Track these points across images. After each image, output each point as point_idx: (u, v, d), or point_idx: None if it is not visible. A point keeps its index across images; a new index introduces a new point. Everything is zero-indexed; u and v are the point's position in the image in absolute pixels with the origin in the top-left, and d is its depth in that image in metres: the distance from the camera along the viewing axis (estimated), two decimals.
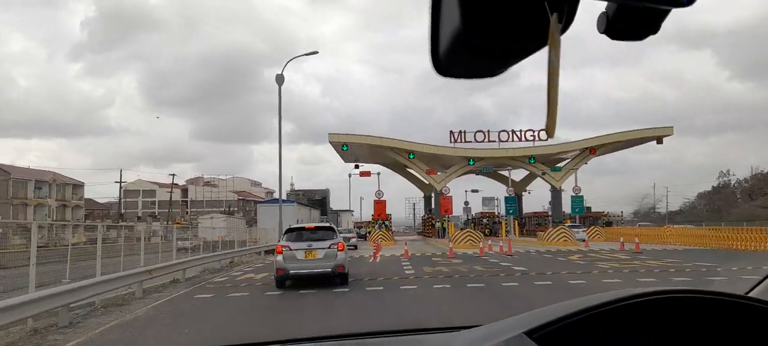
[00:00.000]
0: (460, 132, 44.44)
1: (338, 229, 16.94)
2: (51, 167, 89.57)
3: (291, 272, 13.00)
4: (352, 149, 43.44)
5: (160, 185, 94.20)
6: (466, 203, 65.57)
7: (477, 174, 55.61)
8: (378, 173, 48.85)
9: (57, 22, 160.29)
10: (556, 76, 0.66)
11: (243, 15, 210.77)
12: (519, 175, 53.52)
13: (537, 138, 44.58)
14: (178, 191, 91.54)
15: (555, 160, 47.26)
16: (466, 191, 64.61)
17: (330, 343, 1.93)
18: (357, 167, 48.85)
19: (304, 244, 13.12)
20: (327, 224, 16.11)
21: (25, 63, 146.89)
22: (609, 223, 52.27)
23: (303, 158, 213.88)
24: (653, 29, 0.69)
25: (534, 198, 62.22)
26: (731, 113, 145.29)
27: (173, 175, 75.21)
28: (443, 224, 44.95)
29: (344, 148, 42.23)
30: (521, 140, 45.09)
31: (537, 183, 55.62)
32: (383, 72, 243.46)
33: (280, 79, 30.41)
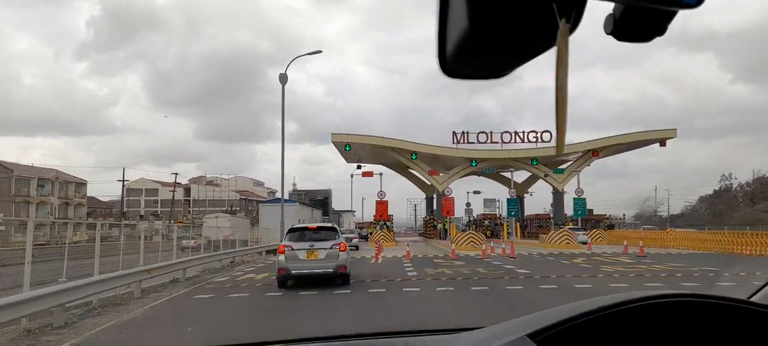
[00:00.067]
0: (463, 133, 44.25)
1: (340, 229, 16.82)
2: (55, 165, 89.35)
3: (293, 272, 12.97)
4: (355, 149, 43.29)
5: (163, 184, 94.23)
6: (468, 205, 65.48)
7: (479, 175, 55.45)
8: (380, 174, 48.73)
9: (63, 21, 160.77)
10: (565, 82, 0.65)
11: (247, 15, 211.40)
12: (520, 177, 53.30)
13: (540, 139, 44.40)
14: (181, 190, 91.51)
15: (557, 162, 47.03)
16: (468, 193, 64.48)
17: (331, 344, 1.95)
18: (359, 168, 48.71)
19: (307, 244, 13.09)
20: (329, 224, 16.01)
21: (32, 62, 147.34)
22: (611, 226, 51.99)
23: (306, 158, 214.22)
24: (660, 31, 0.68)
25: (535, 200, 62.19)
26: (733, 116, 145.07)
27: (176, 174, 75.07)
28: (445, 226, 44.77)
29: (347, 148, 42.07)
30: (524, 142, 44.91)
31: (538, 185, 55.45)
32: (386, 72, 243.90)
33: (284, 78, 30.30)
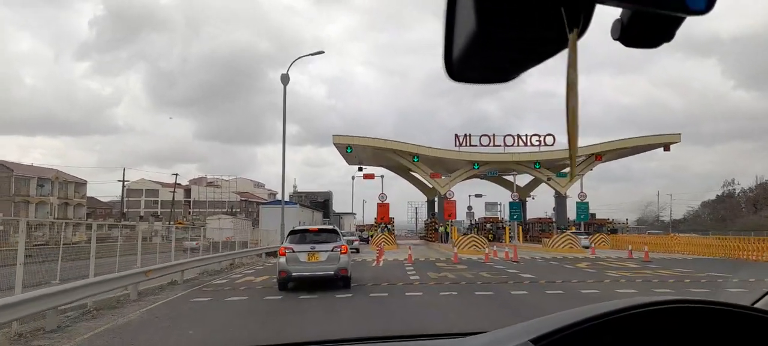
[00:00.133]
0: (465, 136, 43.90)
1: (341, 232, 16.59)
2: (55, 165, 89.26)
3: (293, 275, 12.80)
4: (356, 151, 43.00)
5: (163, 185, 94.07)
6: (470, 208, 65.10)
7: (481, 179, 55.09)
8: (381, 176, 48.41)
9: (65, 21, 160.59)
10: (575, 87, 0.64)
11: (248, 15, 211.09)
12: (523, 180, 52.95)
13: (542, 143, 44.09)
14: (181, 191, 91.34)
15: (560, 165, 46.72)
16: (470, 196, 64.11)
17: None
18: (361, 170, 48.42)
19: (307, 246, 12.96)
20: (330, 227, 15.74)
21: (33, 62, 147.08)
22: (614, 230, 51.62)
23: (307, 160, 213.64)
24: (668, 37, 0.68)
25: (537, 204, 61.79)
26: (737, 122, 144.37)
27: (176, 175, 74.95)
28: (447, 229, 44.47)
29: (348, 150, 41.78)
30: (527, 145, 44.57)
31: (539, 189, 55.10)
32: (388, 74, 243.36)
33: (285, 78, 30.08)
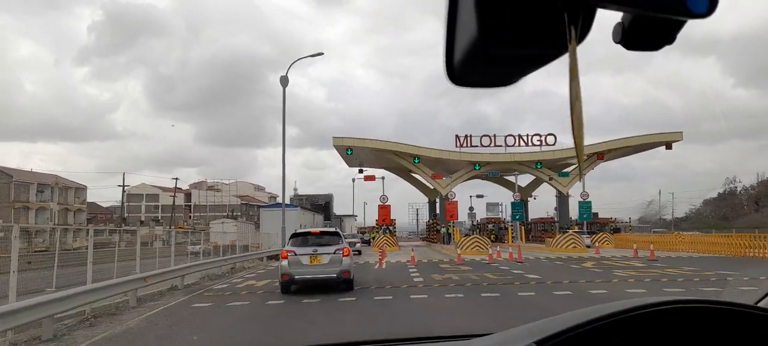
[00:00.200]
0: (466, 136, 43.62)
1: (343, 234, 16.43)
2: (56, 171, 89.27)
3: (296, 277, 12.72)
4: (357, 153, 42.74)
5: (164, 189, 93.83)
6: (471, 209, 64.81)
7: (483, 179, 54.81)
8: (382, 178, 48.06)
9: (64, 26, 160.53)
10: (578, 90, 0.65)
11: (248, 19, 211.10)
12: (524, 180, 52.65)
13: (544, 143, 43.82)
14: (182, 196, 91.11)
15: (562, 165, 46.45)
16: (471, 197, 63.81)
17: None
18: (361, 172, 48.12)
19: (310, 249, 12.89)
20: (332, 229, 15.61)
21: (33, 67, 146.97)
22: (617, 229, 51.30)
23: (307, 163, 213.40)
24: (669, 40, 0.68)
25: (538, 204, 61.21)
26: (737, 120, 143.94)
27: (176, 179, 74.67)
28: (449, 230, 44.19)
29: (349, 152, 41.52)
30: (528, 145, 44.27)
31: (540, 189, 54.82)
32: (388, 76, 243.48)
33: (285, 80, 29.91)
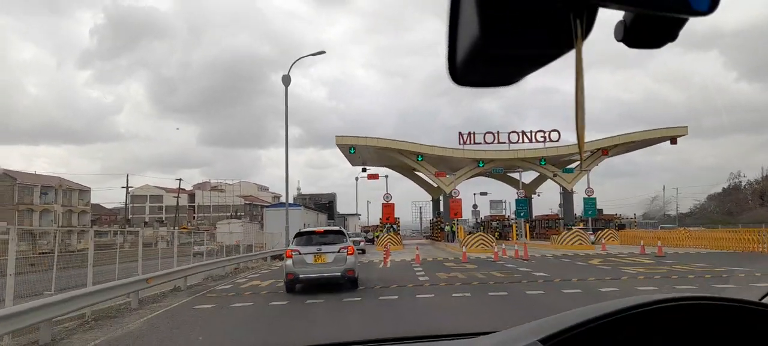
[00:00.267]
0: (469, 133, 43.33)
1: (347, 233, 16.29)
2: (60, 173, 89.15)
3: (301, 276, 12.73)
4: (359, 152, 42.52)
5: (167, 190, 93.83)
6: (475, 206, 64.58)
7: (487, 176, 54.54)
8: (386, 176, 47.86)
9: (66, 30, 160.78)
10: (581, 88, 0.65)
11: (249, 20, 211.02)
12: (528, 177, 52.35)
13: (548, 139, 43.50)
14: (185, 196, 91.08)
15: (566, 161, 46.11)
16: (475, 194, 63.61)
17: None
18: (364, 171, 47.90)
19: (314, 248, 12.89)
20: (337, 228, 15.57)
21: (36, 70, 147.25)
22: (622, 226, 50.94)
23: (310, 162, 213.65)
24: (671, 37, 0.68)
25: (541, 201, 60.92)
26: (741, 114, 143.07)
27: (180, 180, 74.59)
28: (453, 228, 43.94)
29: (351, 150, 41.31)
30: (532, 141, 43.95)
31: (544, 186, 54.47)
32: (389, 75, 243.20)
33: (287, 79, 29.70)
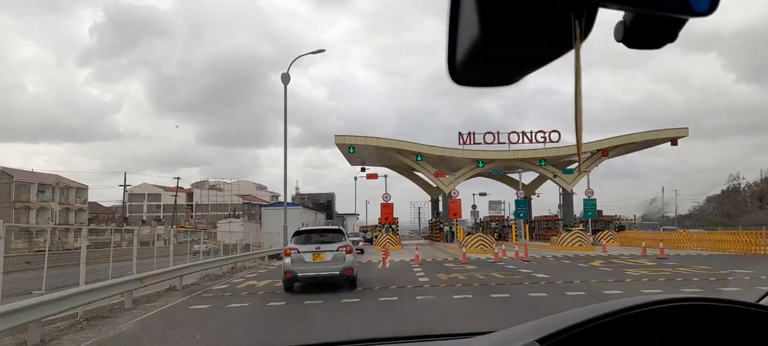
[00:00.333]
0: (469, 133, 43.11)
1: (346, 232, 16.14)
2: (58, 171, 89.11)
3: (299, 275, 12.70)
4: (359, 151, 42.29)
5: (166, 189, 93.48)
6: (474, 207, 64.33)
7: (486, 177, 54.32)
8: (385, 176, 47.59)
9: (66, 28, 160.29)
10: (579, 88, 0.65)
11: (249, 20, 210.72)
12: (527, 178, 52.12)
13: (548, 139, 43.28)
14: (184, 195, 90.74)
15: (566, 162, 45.89)
16: (474, 195, 63.38)
17: None
18: (363, 170, 47.66)
19: (313, 246, 12.86)
20: (335, 227, 15.48)
21: (36, 68, 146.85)
22: (621, 227, 50.72)
23: (309, 162, 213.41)
24: (671, 38, 0.68)
25: (540, 202, 60.75)
26: (740, 116, 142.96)
27: (178, 178, 74.17)
28: (452, 228, 43.71)
29: (351, 150, 41.07)
30: (532, 142, 43.74)
31: (543, 187, 54.26)
32: (389, 75, 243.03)
33: (286, 77, 29.46)
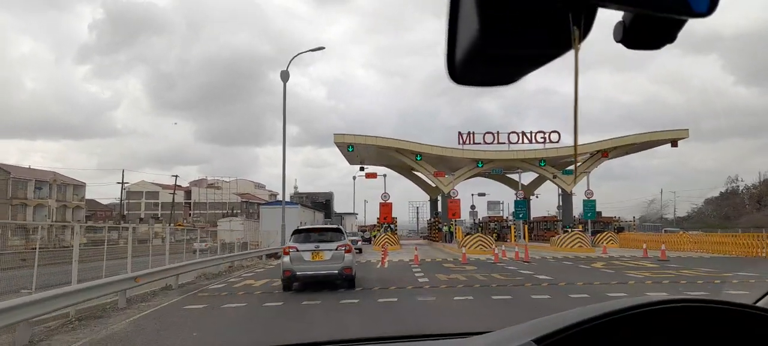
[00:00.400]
0: (469, 133, 42.90)
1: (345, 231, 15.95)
2: (56, 168, 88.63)
3: (298, 274, 12.63)
4: (358, 150, 42.07)
5: (164, 187, 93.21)
6: (473, 207, 64.12)
7: (485, 177, 54.11)
8: (384, 175, 47.38)
9: (65, 25, 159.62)
10: (577, 88, 0.66)
11: (248, 18, 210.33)
12: (526, 179, 51.93)
13: (548, 140, 43.09)
14: (182, 193, 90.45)
15: (566, 162, 45.70)
16: (473, 195, 63.14)
17: None
18: (362, 169, 47.44)
19: (312, 245, 12.79)
20: (334, 226, 15.33)
21: (34, 65, 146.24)
22: (620, 229, 50.57)
23: (307, 161, 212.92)
24: (670, 38, 0.68)
25: (539, 202, 60.49)
26: (739, 118, 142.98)
27: (176, 176, 74.00)
28: (451, 228, 43.51)
29: (350, 149, 40.84)
30: (531, 142, 43.54)
31: (541, 187, 54.03)
32: (389, 75, 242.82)
33: (285, 75, 29.26)
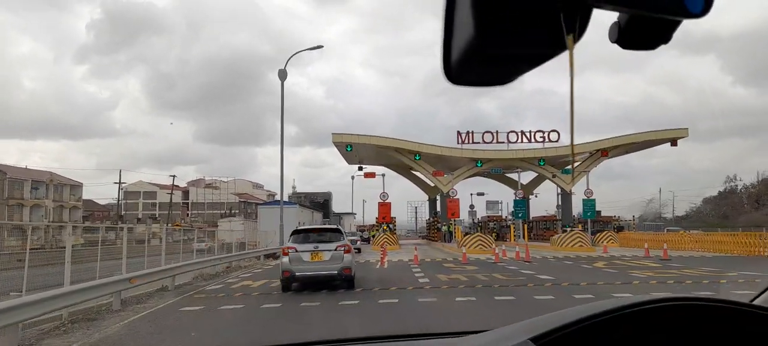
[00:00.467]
0: (468, 133, 42.68)
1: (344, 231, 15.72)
2: (55, 168, 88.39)
3: (297, 274, 12.51)
4: (356, 150, 41.83)
5: (161, 187, 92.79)
6: (472, 207, 63.92)
7: (485, 176, 53.92)
8: (383, 175, 47.14)
9: (64, 24, 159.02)
10: (572, 88, 0.66)
11: (248, 18, 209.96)
12: (526, 178, 51.73)
13: (547, 139, 42.91)
14: (180, 193, 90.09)
15: (565, 162, 45.52)
16: (472, 195, 62.96)
17: None
18: (361, 169, 47.21)
19: (311, 245, 12.66)
20: (334, 226, 15.08)
21: (33, 65, 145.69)
22: (620, 228, 50.44)
23: (306, 161, 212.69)
24: (665, 39, 0.69)
25: (538, 202, 60.35)
26: (737, 118, 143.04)
27: (173, 176, 73.61)
28: (450, 228, 43.29)
29: (348, 148, 40.60)
30: (531, 141, 43.34)
31: (540, 187, 53.87)
32: (387, 75, 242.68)
33: (283, 73, 29.01)
